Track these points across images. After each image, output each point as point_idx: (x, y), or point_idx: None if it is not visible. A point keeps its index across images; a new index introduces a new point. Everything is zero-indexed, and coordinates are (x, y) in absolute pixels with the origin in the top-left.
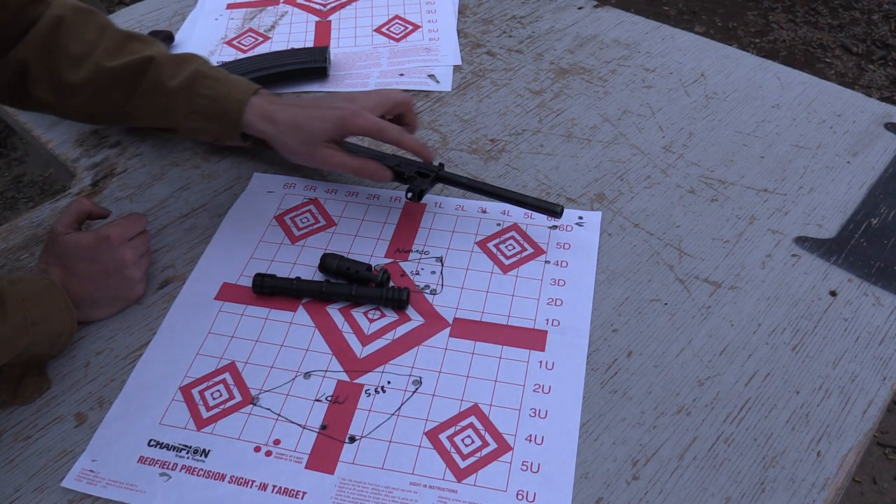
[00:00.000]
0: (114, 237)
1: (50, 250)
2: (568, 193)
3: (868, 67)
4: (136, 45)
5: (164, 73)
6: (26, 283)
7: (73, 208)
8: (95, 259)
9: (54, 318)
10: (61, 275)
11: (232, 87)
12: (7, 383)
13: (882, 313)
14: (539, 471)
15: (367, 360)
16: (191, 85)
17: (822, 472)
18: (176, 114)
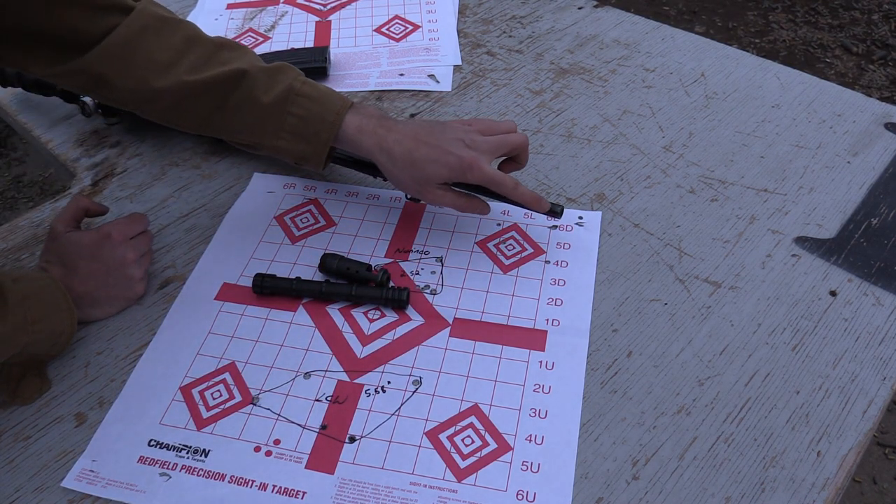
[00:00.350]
0: (115, 236)
1: (50, 249)
2: (568, 193)
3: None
4: (226, 55)
5: (258, 86)
6: (28, 281)
7: (71, 206)
8: (96, 257)
9: (55, 318)
10: (62, 273)
11: (324, 106)
12: (7, 383)
13: (882, 313)
14: (539, 471)
15: (367, 360)
16: (283, 101)
17: (822, 472)
18: (266, 130)
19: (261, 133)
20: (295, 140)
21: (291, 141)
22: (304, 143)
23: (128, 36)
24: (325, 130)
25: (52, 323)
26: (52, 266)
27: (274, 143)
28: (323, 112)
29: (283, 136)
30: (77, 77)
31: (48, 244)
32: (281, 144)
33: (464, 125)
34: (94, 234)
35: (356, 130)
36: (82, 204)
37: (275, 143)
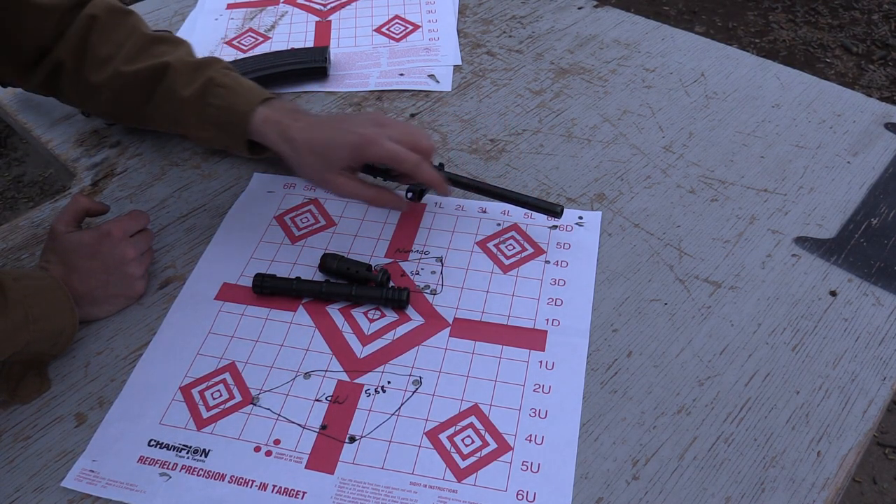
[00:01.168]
0: (115, 233)
1: (51, 248)
2: (568, 193)
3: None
4: (159, 48)
5: (179, 80)
6: (29, 280)
7: (71, 206)
8: (96, 256)
9: (56, 317)
10: (62, 273)
11: (239, 98)
12: (7, 382)
13: (882, 313)
14: (539, 471)
15: (367, 360)
16: (202, 94)
17: (822, 472)
18: (188, 123)
19: (186, 125)
20: (217, 130)
21: (214, 132)
22: (224, 133)
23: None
24: (239, 121)
25: (53, 322)
26: (53, 265)
27: (199, 135)
28: (237, 103)
29: (206, 128)
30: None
31: (48, 244)
32: (204, 135)
33: (376, 116)
34: (94, 232)
35: (262, 120)
36: (83, 203)
37: (200, 135)
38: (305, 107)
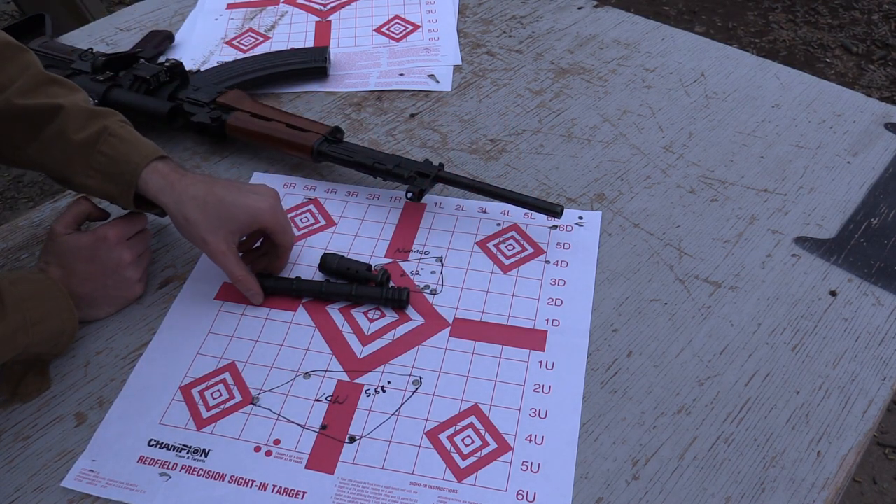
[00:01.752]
0: (111, 237)
1: (49, 250)
2: (568, 193)
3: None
4: (55, 90)
5: (72, 124)
6: (27, 283)
7: (72, 209)
8: (93, 259)
9: (55, 318)
10: (60, 275)
11: (133, 150)
12: (8, 381)
13: (882, 313)
14: (539, 471)
15: (367, 360)
16: (94, 142)
17: (822, 472)
18: (74, 168)
19: (70, 170)
20: (102, 179)
21: (98, 180)
22: (110, 182)
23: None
24: (130, 172)
25: (53, 324)
26: (52, 267)
27: (83, 181)
28: (131, 153)
29: (91, 175)
30: None
31: (47, 245)
32: (89, 183)
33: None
34: (91, 235)
35: (151, 172)
36: (83, 207)
37: (83, 181)
38: (305, 107)
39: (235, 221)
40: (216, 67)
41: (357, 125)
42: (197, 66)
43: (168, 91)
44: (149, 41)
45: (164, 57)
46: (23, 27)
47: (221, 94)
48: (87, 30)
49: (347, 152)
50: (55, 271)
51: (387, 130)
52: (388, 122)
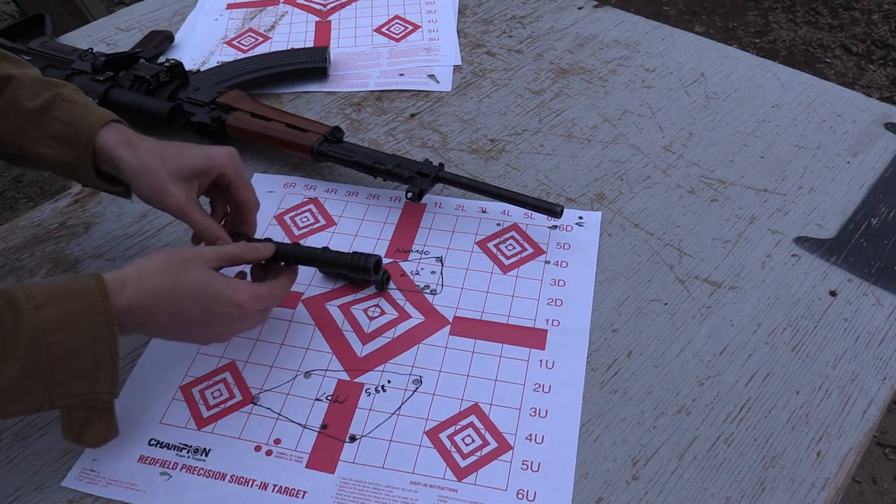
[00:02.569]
0: (248, 307)
1: (168, 264)
2: (568, 193)
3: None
4: (4, 64)
5: (23, 93)
6: (58, 305)
7: (230, 250)
8: (210, 314)
9: (87, 353)
10: (151, 300)
11: (89, 113)
12: (70, 429)
13: (882, 313)
14: (539, 470)
15: (367, 359)
16: (48, 108)
17: (822, 472)
18: (28, 136)
19: (24, 140)
20: (58, 146)
21: (54, 147)
22: (66, 148)
23: None
24: (87, 133)
25: (85, 359)
26: (147, 280)
27: (38, 151)
28: (86, 116)
29: (46, 143)
30: None
31: (174, 257)
32: (45, 152)
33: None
34: (227, 294)
35: (108, 129)
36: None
37: (39, 151)
38: (305, 107)
39: (193, 167)
40: (216, 67)
41: (357, 125)
42: (197, 66)
43: (168, 91)
44: (149, 41)
45: (164, 57)
46: (23, 27)
47: (221, 94)
48: (87, 30)
49: (347, 152)
50: (148, 287)
51: (387, 130)
52: (388, 122)
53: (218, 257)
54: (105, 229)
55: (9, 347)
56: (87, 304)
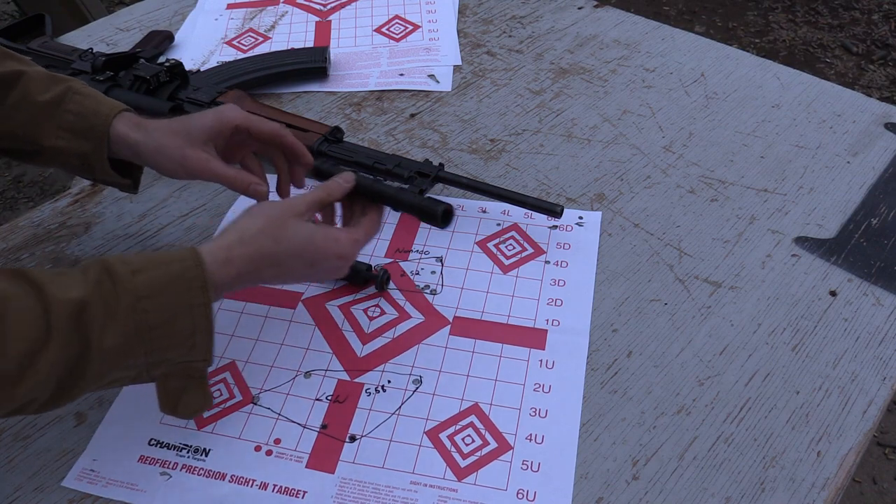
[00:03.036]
0: (350, 255)
1: (273, 221)
2: (568, 193)
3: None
4: (10, 62)
5: (35, 87)
6: (155, 269)
7: (319, 197)
8: (315, 264)
9: (184, 317)
10: (259, 262)
11: (101, 103)
12: (167, 399)
13: (882, 313)
14: (539, 470)
15: (367, 359)
16: (60, 101)
17: (822, 472)
18: (43, 129)
19: (38, 133)
20: (73, 138)
21: (70, 139)
22: (82, 139)
23: None
24: (101, 124)
25: (182, 324)
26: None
27: (53, 144)
28: (98, 107)
29: (61, 136)
30: None
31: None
32: (60, 144)
33: None
34: (331, 244)
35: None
36: (323, 195)
37: (53, 143)
38: (305, 107)
39: (204, 129)
40: (216, 67)
41: (357, 125)
42: (197, 66)
43: (168, 91)
44: (149, 41)
45: (164, 57)
46: (23, 27)
47: (221, 94)
48: (87, 30)
49: (347, 152)
50: (252, 255)
51: (387, 130)
52: (388, 122)
53: (308, 206)
54: (105, 229)
55: (111, 313)
56: (181, 269)
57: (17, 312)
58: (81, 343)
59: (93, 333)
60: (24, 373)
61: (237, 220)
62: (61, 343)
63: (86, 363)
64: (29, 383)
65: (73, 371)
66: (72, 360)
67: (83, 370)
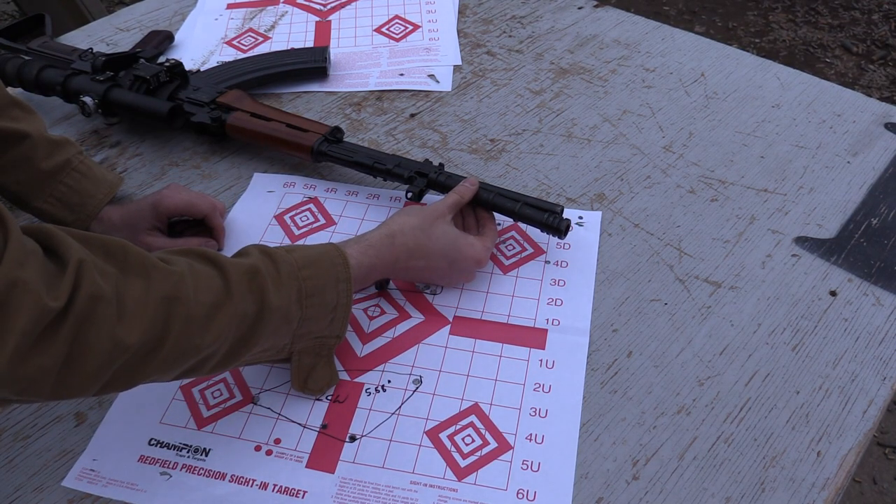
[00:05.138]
0: (484, 260)
1: (427, 218)
2: (568, 193)
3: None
4: (17, 113)
5: (39, 152)
6: (304, 251)
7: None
8: (452, 267)
9: (330, 290)
10: (415, 252)
11: (98, 184)
12: (298, 374)
13: (882, 313)
14: (539, 470)
15: (367, 359)
16: (59, 171)
17: (822, 472)
18: (34, 193)
19: (29, 194)
20: (61, 207)
21: (57, 208)
22: (67, 211)
23: None
24: (94, 206)
25: (328, 296)
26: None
27: (40, 206)
28: (94, 190)
29: (49, 201)
30: None
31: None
32: (45, 208)
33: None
34: (469, 248)
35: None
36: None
37: (40, 206)
38: (305, 107)
39: (148, 219)
40: (216, 67)
41: (357, 125)
42: (197, 66)
43: (168, 91)
44: (149, 41)
45: (164, 57)
46: (23, 27)
47: (221, 94)
48: (87, 30)
49: (347, 152)
50: (409, 244)
51: (387, 130)
52: (388, 122)
53: (448, 208)
54: None
55: (276, 279)
56: (326, 251)
57: (203, 274)
58: (256, 302)
59: (266, 294)
60: (211, 322)
61: (395, 217)
62: (239, 300)
63: (258, 323)
64: (214, 332)
65: (248, 329)
66: (249, 317)
67: (255, 329)
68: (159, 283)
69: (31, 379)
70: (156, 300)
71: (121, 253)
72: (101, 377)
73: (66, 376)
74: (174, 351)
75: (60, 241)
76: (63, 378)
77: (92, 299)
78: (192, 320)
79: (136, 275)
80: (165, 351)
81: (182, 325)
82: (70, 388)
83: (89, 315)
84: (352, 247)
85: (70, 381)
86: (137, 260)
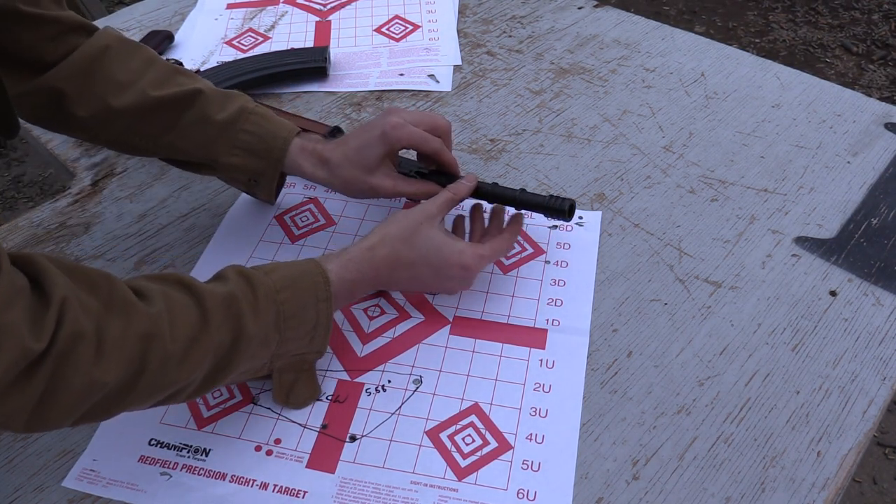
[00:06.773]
0: (473, 268)
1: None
2: (568, 193)
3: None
4: (182, 79)
5: (212, 106)
6: (283, 271)
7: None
8: (439, 275)
9: (309, 310)
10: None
11: (277, 126)
12: (280, 390)
13: (882, 313)
14: (539, 469)
15: (367, 359)
16: (236, 120)
17: (822, 472)
18: (219, 146)
19: (214, 151)
20: (248, 156)
21: (244, 157)
22: (256, 159)
23: (91, 54)
24: (278, 147)
25: (307, 316)
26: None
27: (227, 160)
28: (276, 130)
29: (235, 153)
30: (37, 97)
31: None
32: (234, 161)
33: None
34: (456, 256)
35: (299, 150)
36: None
37: (228, 160)
38: (305, 107)
39: (379, 157)
40: (216, 67)
41: (357, 125)
42: (197, 66)
43: None
44: (149, 41)
45: (164, 57)
46: None
47: None
48: None
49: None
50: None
51: None
52: None
53: (438, 207)
54: (105, 229)
55: (253, 304)
56: (306, 269)
57: (179, 304)
58: (232, 331)
59: (243, 321)
60: (187, 357)
61: (381, 226)
62: (215, 330)
63: (234, 351)
64: (190, 365)
65: (224, 358)
66: (225, 346)
67: (231, 357)
68: (138, 321)
69: (6, 415)
70: (133, 338)
71: (105, 287)
72: (76, 412)
73: (42, 412)
74: (149, 386)
75: (46, 274)
76: (38, 413)
77: (73, 338)
78: (169, 357)
79: (117, 312)
80: (141, 387)
81: (159, 362)
82: (45, 422)
83: (68, 354)
84: (333, 262)
85: (45, 416)
86: (120, 295)
